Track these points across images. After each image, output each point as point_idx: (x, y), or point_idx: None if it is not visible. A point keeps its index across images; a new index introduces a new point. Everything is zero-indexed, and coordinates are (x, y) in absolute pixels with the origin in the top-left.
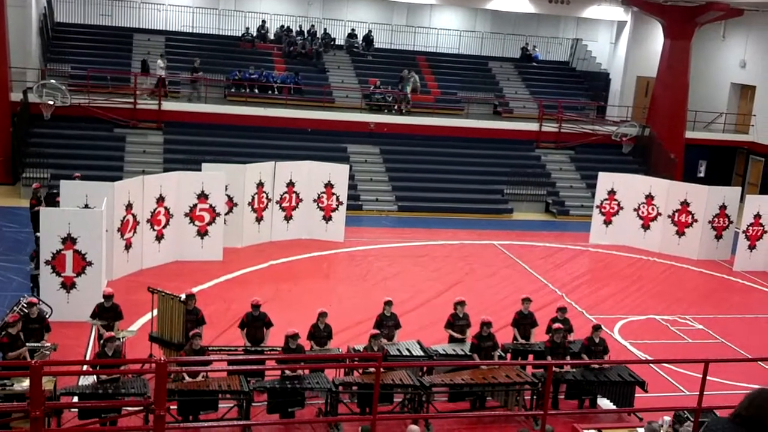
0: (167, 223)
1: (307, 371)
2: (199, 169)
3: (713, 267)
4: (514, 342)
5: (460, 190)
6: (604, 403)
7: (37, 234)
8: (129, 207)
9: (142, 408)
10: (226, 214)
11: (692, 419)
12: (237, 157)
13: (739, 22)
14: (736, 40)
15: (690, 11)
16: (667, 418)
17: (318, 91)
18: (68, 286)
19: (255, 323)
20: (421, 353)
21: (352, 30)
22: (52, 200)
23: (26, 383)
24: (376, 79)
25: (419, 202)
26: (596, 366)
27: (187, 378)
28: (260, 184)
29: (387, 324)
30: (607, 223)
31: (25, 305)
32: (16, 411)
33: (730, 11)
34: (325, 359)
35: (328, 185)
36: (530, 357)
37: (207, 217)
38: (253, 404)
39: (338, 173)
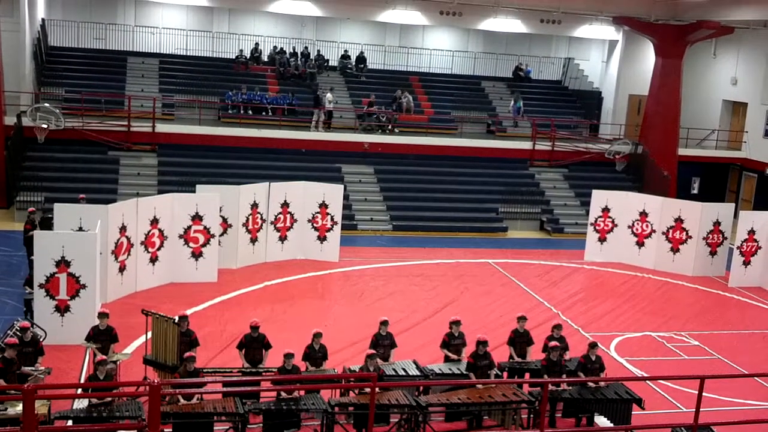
0: (161, 245)
1: (302, 392)
2: (194, 191)
3: (708, 283)
4: (511, 360)
5: (455, 209)
6: (601, 421)
7: (31, 258)
8: (123, 229)
9: (136, 431)
10: (220, 235)
11: None
12: (231, 178)
13: (729, 39)
14: (727, 58)
15: (681, 30)
16: None
17: (312, 111)
18: (62, 309)
19: (253, 344)
20: (417, 373)
21: (346, 51)
22: (47, 224)
23: (20, 407)
24: (369, 99)
25: (414, 221)
26: (593, 384)
27: (182, 400)
28: (254, 205)
29: (383, 344)
30: (602, 240)
31: (18, 329)
32: None
33: (720, 29)
34: (321, 380)
35: (323, 205)
36: (527, 375)
37: (201, 238)
38: (249, 426)
39: (333, 193)
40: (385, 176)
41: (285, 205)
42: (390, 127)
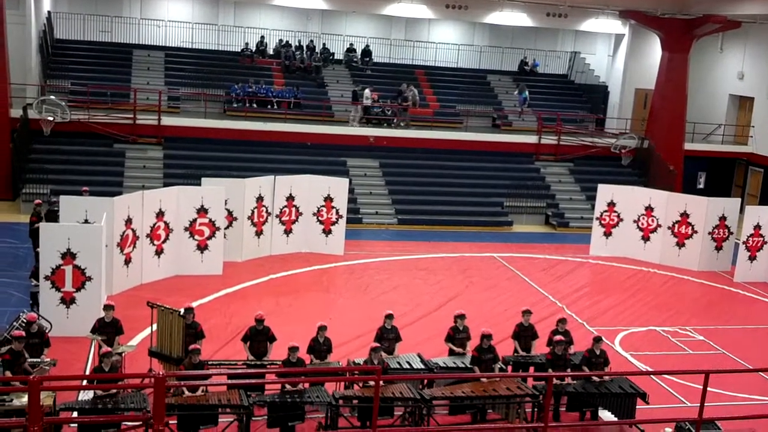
0: (167, 238)
1: (307, 385)
2: (199, 184)
3: (714, 278)
4: (515, 354)
5: (460, 202)
6: (606, 415)
7: (37, 250)
8: (128, 222)
9: (141, 423)
10: (225, 228)
11: (694, 430)
12: (236, 171)
13: (736, 34)
14: (734, 52)
15: (687, 24)
16: (669, 430)
17: (317, 105)
18: (68, 301)
19: (258, 337)
20: (422, 366)
21: (351, 44)
22: (53, 217)
23: (25, 398)
24: (376, 93)
25: (419, 215)
26: (597, 378)
27: (186, 392)
28: (260, 198)
29: (387, 337)
30: (607, 234)
31: (24, 321)
32: (14, 426)
33: (727, 23)
34: (325, 373)
35: (328, 199)
36: (531, 369)
37: (207, 231)
38: (254, 418)
39: (338, 187)
40: (390, 170)
41: (290, 198)
42: (396, 120)
